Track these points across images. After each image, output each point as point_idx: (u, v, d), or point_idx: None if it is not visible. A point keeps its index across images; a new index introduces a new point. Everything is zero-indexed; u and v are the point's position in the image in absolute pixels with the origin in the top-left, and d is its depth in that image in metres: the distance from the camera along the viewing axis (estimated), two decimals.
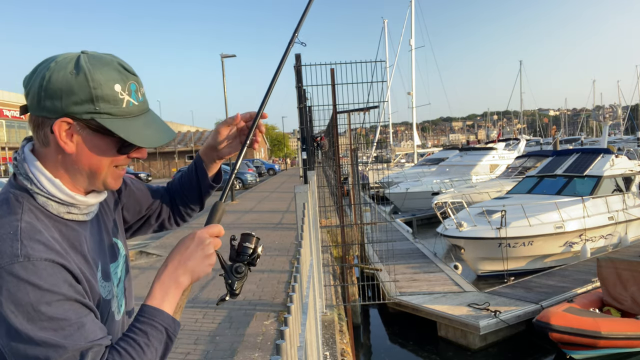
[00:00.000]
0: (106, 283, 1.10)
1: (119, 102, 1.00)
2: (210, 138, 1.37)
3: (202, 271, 1.06)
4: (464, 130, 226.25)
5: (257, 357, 4.42)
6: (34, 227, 0.94)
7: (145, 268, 8.18)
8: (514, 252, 11.47)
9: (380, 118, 20.68)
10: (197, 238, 1.07)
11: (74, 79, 0.97)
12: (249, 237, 1.13)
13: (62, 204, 1.02)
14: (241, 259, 1.11)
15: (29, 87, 1.00)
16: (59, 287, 0.89)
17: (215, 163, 1.41)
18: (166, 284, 1.03)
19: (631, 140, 38.91)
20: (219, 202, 1.18)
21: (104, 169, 1.04)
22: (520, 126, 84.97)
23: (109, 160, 1.04)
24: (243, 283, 1.11)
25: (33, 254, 0.89)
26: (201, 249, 1.06)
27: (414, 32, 39.31)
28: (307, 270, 2.65)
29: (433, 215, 15.57)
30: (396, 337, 9.12)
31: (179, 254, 1.06)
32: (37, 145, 1.03)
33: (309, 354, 1.93)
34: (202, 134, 65.50)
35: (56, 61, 0.99)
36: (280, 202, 18.32)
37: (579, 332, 7.07)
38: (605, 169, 13.31)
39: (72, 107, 0.97)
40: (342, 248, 8.56)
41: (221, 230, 1.12)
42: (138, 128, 1.03)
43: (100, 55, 1.02)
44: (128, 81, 1.02)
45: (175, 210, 1.45)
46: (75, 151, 1.00)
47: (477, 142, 52.40)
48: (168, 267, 1.05)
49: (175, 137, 1.11)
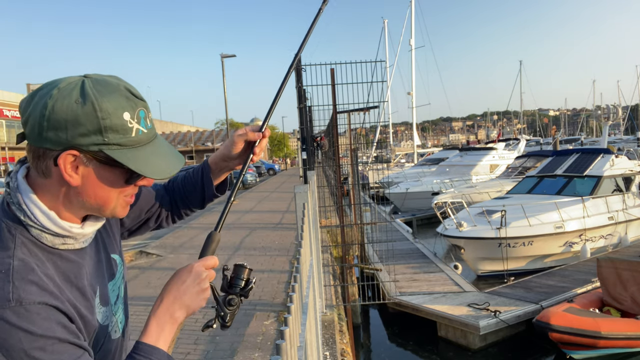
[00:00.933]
0: (104, 308, 1.07)
1: (129, 131, 0.94)
2: (224, 148, 1.33)
3: (198, 305, 1.04)
4: (464, 130, 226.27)
5: (257, 357, 4.42)
6: (27, 265, 0.88)
7: (145, 268, 8.17)
8: (514, 252, 11.47)
9: (380, 118, 20.69)
10: (194, 272, 1.04)
11: (80, 109, 0.90)
12: (241, 269, 1.11)
13: (57, 236, 0.96)
14: (233, 290, 1.10)
15: (28, 115, 0.92)
16: (52, 330, 0.85)
17: (223, 173, 1.39)
18: (162, 320, 1.00)
19: (631, 140, 38.93)
20: (214, 232, 1.15)
21: (112, 200, 0.99)
22: (520, 126, 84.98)
23: (117, 192, 0.99)
24: (235, 314, 1.10)
25: (25, 298, 0.84)
26: (197, 283, 1.04)
27: (414, 32, 39.36)
28: (307, 270, 2.65)
29: (433, 215, 15.57)
30: (396, 337, 9.12)
31: (174, 288, 1.03)
32: (34, 174, 0.96)
33: (309, 354, 1.93)
34: (202, 134, 65.50)
35: (59, 88, 0.91)
36: (280, 202, 18.32)
37: (579, 332, 7.07)
38: (605, 169, 13.32)
39: (78, 138, 0.90)
40: (342, 248, 8.56)
41: (216, 262, 1.10)
42: (148, 157, 0.98)
43: (105, 79, 0.96)
44: (137, 108, 0.96)
45: (175, 211, 1.43)
46: (81, 183, 0.94)
47: (477, 142, 52.42)
48: (164, 302, 1.02)
49: (184, 163, 1.07)
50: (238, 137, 1.31)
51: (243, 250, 9.23)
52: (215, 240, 1.14)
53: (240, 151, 1.32)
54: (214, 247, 1.13)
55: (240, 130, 1.32)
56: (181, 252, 9.30)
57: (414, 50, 39.61)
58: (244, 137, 1.30)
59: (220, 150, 1.35)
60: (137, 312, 5.69)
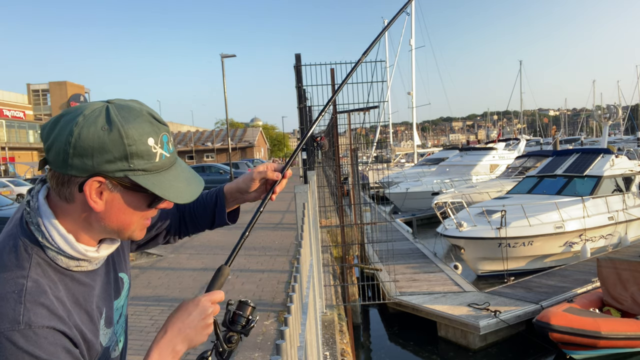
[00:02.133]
0: (108, 330, 1.07)
1: (153, 156, 0.95)
2: (242, 182, 1.34)
3: (200, 340, 1.05)
4: (464, 130, 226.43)
5: (257, 357, 4.42)
6: (40, 287, 0.89)
7: (145, 268, 8.17)
8: (514, 252, 11.48)
9: (380, 118, 20.59)
10: (201, 307, 1.05)
11: (107, 136, 0.90)
12: (245, 307, 1.10)
13: (72, 258, 0.96)
14: (235, 328, 1.09)
15: (52, 142, 0.91)
16: (57, 356, 0.85)
17: (236, 203, 1.39)
18: (164, 352, 1.00)
19: (631, 140, 38.90)
20: (224, 266, 1.14)
21: (133, 224, 1.00)
22: (520, 126, 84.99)
23: (138, 216, 1.00)
24: (233, 352, 1.09)
25: (35, 321, 0.84)
26: (202, 318, 1.04)
27: (414, 32, 39.36)
28: (307, 270, 2.65)
29: (433, 215, 15.58)
30: (396, 337, 9.12)
31: (179, 320, 1.03)
32: (55, 198, 0.96)
33: (309, 354, 1.93)
34: (202, 134, 65.51)
35: (84, 115, 0.91)
36: (280, 202, 18.31)
37: (579, 332, 7.07)
38: (605, 169, 13.32)
39: (104, 165, 0.91)
40: (342, 248, 8.56)
41: (222, 296, 1.10)
42: (171, 182, 0.98)
43: (128, 105, 0.96)
44: (160, 133, 0.97)
45: (183, 230, 1.43)
46: (104, 209, 0.95)
47: (477, 142, 52.46)
48: (167, 334, 1.02)
49: (204, 186, 1.08)
50: (258, 174, 1.31)
51: (243, 250, 9.14)
52: (225, 275, 1.14)
53: (257, 187, 1.32)
54: (222, 281, 1.13)
55: (261, 167, 1.32)
56: (181, 252, 9.30)
57: (414, 50, 39.62)
58: (263, 176, 1.30)
59: (237, 183, 1.35)
60: (137, 312, 5.69)
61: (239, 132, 64.31)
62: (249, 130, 66.67)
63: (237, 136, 62.11)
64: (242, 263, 8.10)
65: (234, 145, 55.10)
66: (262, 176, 1.30)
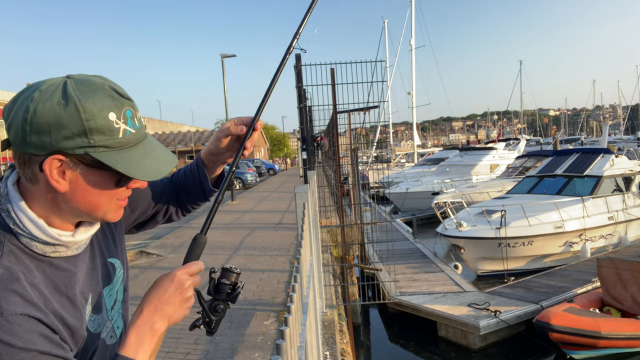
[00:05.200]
0: (96, 316, 1.04)
1: (115, 132, 0.91)
2: (210, 144, 1.31)
3: (180, 315, 1.00)
4: (464, 130, 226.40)
5: (257, 357, 4.42)
6: (12, 274, 0.86)
7: (145, 268, 8.17)
8: (513, 252, 11.48)
9: (380, 118, 20.71)
10: (177, 281, 0.99)
11: (62, 111, 0.86)
12: (228, 274, 1.06)
13: (47, 244, 0.93)
14: (220, 296, 1.05)
15: (11, 120, 0.89)
16: (33, 342, 0.82)
17: (217, 167, 1.36)
18: (142, 332, 0.96)
19: (631, 140, 38.84)
20: (200, 235, 1.10)
21: (103, 205, 0.96)
22: (520, 126, 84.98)
23: (107, 196, 0.95)
24: (221, 321, 1.06)
25: (7, 308, 0.82)
26: (180, 292, 0.99)
27: (414, 32, 39.37)
28: (307, 270, 2.65)
29: (433, 215, 15.57)
30: (396, 337, 9.12)
31: (155, 298, 0.98)
32: (23, 181, 0.93)
33: (309, 354, 1.93)
34: (202, 134, 65.47)
35: (40, 90, 0.88)
36: (280, 202, 18.32)
37: (579, 332, 7.07)
38: (605, 169, 13.32)
39: (62, 142, 0.87)
40: (342, 248, 8.56)
41: (202, 267, 1.04)
42: (138, 159, 0.94)
43: (89, 79, 0.92)
44: (123, 107, 0.92)
45: (182, 205, 1.42)
46: (69, 189, 0.91)
47: (477, 142, 52.42)
48: (144, 313, 0.97)
49: (176, 164, 1.03)
50: (221, 132, 1.27)
51: (243, 250, 9.23)
52: (201, 244, 1.09)
53: (228, 145, 1.28)
54: (199, 252, 1.08)
55: (225, 125, 1.27)
56: (181, 251, 9.29)
57: (414, 50, 39.63)
58: (227, 133, 1.26)
59: (208, 146, 1.32)
60: None
61: None
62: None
63: None
64: (242, 263, 8.11)
65: None
66: (226, 133, 1.25)
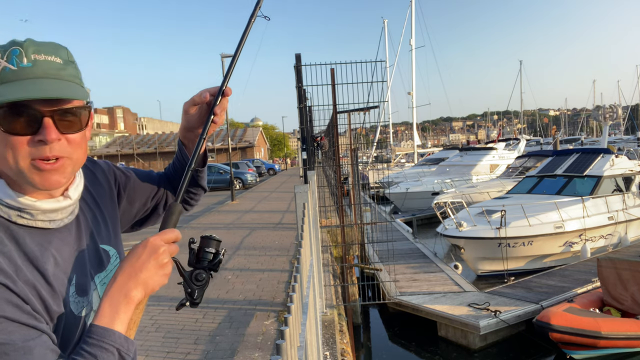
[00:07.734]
0: (81, 298, 1.01)
1: None
2: (182, 120, 1.28)
3: (157, 282, 0.96)
4: (464, 130, 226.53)
5: (257, 357, 4.42)
6: None
7: None
8: (513, 252, 11.48)
9: (380, 118, 20.66)
10: (150, 246, 0.96)
11: None
12: (209, 241, 1.03)
13: (11, 207, 0.92)
14: (201, 265, 1.02)
15: None
16: (1, 309, 0.80)
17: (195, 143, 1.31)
18: (116, 300, 0.91)
19: (631, 140, 38.88)
20: (174, 203, 1.07)
21: (11, 161, 0.91)
22: (521, 126, 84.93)
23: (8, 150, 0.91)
24: (204, 290, 1.03)
25: None
26: (154, 258, 0.95)
27: (414, 32, 39.36)
28: (307, 270, 2.65)
29: (433, 215, 15.58)
30: (396, 337, 9.12)
31: (129, 265, 0.94)
32: None
33: (309, 354, 1.93)
34: None
35: None
36: (280, 202, 18.32)
37: (579, 332, 7.07)
38: (605, 169, 13.32)
39: None
40: (342, 248, 8.56)
41: (178, 235, 1.01)
42: (14, 91, 0.88)
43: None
44: (10, 47, 0.91)
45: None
46: None
47: (477, 142, 52.38)
48: (117, 281, 0.93)
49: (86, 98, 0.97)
50: (186, 104, 1.24)
51: (243, 250, 9.23)
52: (176, 212, 1.07)
53: (199, 117, 1.25)
54: (175, 220, 1.05)
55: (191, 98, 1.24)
56: (181, 251, 9.29)
57: (414, 50, 39.63)
58: (191, 103, 1.23)
59: (181, 124, 1.30)
60: None
61: (239, 132, 64.35)
62: (249, 130, 66.70)
63: (237, 136, 62.11)
64: (242, 263, 8.10)
65: (234, 145, 55.05)
66: (191, 104, 1.23)
